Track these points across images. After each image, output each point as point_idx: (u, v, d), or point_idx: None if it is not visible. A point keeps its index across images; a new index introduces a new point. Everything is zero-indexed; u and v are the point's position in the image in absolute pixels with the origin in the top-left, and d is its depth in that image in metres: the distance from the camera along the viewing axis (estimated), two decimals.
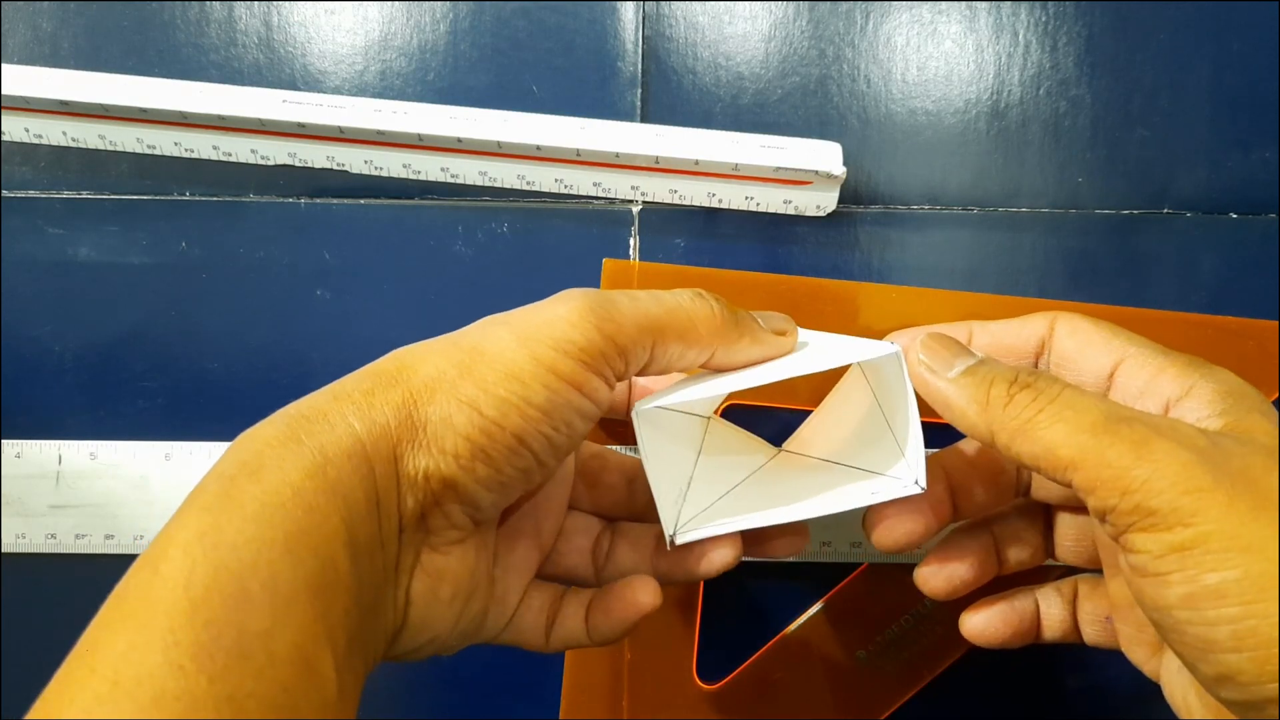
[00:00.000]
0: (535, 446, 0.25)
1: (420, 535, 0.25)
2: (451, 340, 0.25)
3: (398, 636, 0.25)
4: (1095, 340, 0.27)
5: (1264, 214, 0.38)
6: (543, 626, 0.29)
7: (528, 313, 0.25)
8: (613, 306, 0.25)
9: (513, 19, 0.39)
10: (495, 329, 0.25)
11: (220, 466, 0.23)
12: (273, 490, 0.22)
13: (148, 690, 0.19)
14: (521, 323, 0.25)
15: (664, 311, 0.26)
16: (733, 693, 0.37)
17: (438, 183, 0.38)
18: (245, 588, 0.20)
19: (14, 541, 0.37)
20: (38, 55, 0.39)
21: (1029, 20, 0.39)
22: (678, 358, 0.27)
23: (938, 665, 0.37)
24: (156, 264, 0.39)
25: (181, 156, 0.39)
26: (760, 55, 0.39)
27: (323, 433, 0.23)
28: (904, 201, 0.38)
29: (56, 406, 0.38)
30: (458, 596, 0.26)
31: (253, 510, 0.21)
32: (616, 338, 0.25)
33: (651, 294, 0.26)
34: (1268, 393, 0.37)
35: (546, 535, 0.29)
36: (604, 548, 0.30)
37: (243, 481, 0.22)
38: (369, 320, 0.38)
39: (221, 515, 0.21)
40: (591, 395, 0.25)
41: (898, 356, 0.26)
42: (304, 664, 0.20)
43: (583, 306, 0.25)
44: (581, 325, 0.24)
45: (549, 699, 0.37)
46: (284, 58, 0.39)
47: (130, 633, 0.20)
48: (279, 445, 0.22)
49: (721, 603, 0.37)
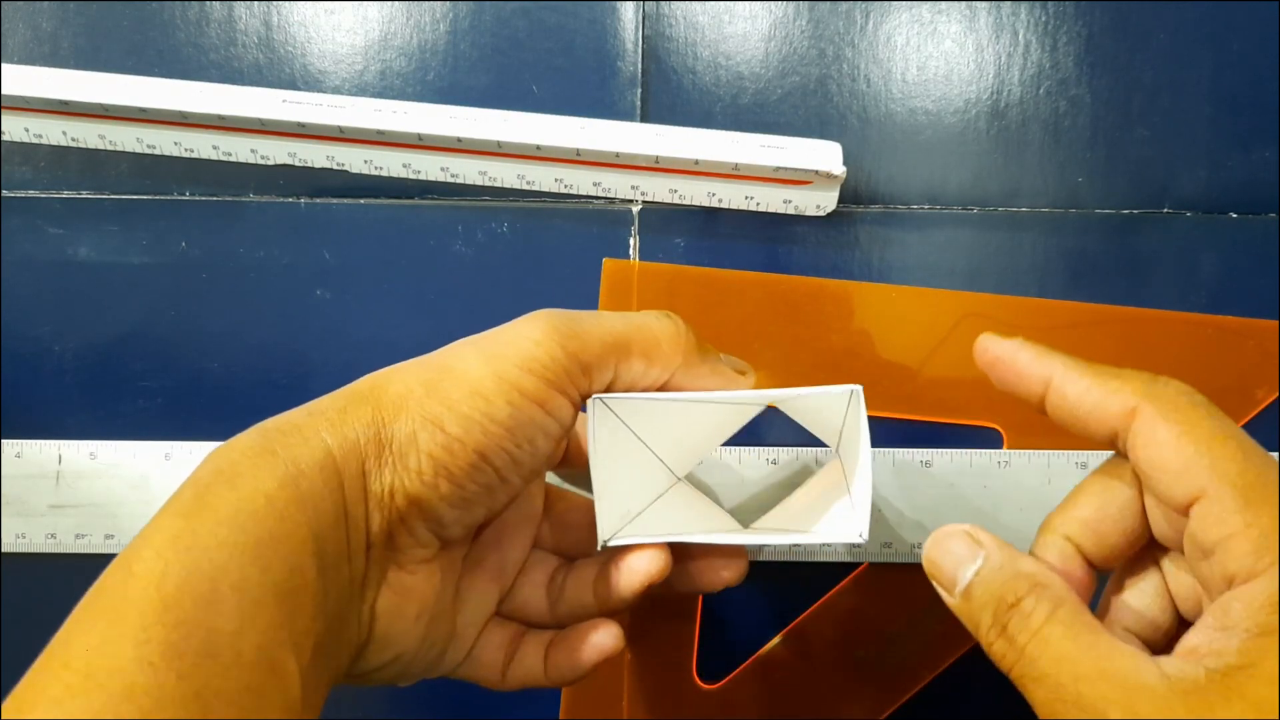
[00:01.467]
0: (498, 463, 0.25)
1: (388, 553, 0.25)
2: (422, 360, 0.26)
3: (363, 651, 0.26)
4: (1173, 462, 0.22)
5: (1264, 214, 0.38)
6: (500, 664, 0.29)
7: (496, 333, 0.26)
8: (578, 324, 0.26)
9: (513, 19, 0.39)
10: (463, 349, 0.26)
11: (197, 474, 0.23)
12: (246, 497, 0.22)
13: (118, 684, 0.19)
14: (488, 342, 0.26)
15: (629, 329, 0.26)
16: (733, 693, 0.37)
17: (438, 182, 0.38)
18: (216, 589, 0.21)
19: (14, 541, 0.37)
20: (38, 55, 0.39)
21: (1029, 20, 0.39)
22: (640, 375, 0.27)
23: (938, 665, 0.37)
24: (156, 264, 0.39)
25: (181, 156, 0.39)
26: (760, 55, 0.39)
27: (296, 445, 0.23)
28: (904, 201, 0.38)
29: (56, 406, 0.38)
30: (422, 616, 0.26)
31: (226, 515, 0.22)
32: (581, 355, 0.25)
33: (617, 314, 0.27)
34: (1268, 393, 0.37)
35: (509, 570, 0.29)
36: (559, 582, 0.30)
37: (218, 488, 0.23)
38: (369, 320, 0.38)
39: (196, 519, 0.22)
40: (555, 413, 0.26)
41: (855, 395, 0.27)
42: (269, 666, 0.21)
43: (548, 325, 0.25)
44: (546, 344, 0.25)
45: (549, 699, 0.37)
46: (284, 57, 0.39)
47: (103, 628, 0.20)
48: (254, 455, 0.23)
49: (721, 603, 0.37)
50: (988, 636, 0.23)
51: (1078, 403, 0.24)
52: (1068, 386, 0.24)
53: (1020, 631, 0.22)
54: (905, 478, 0.36)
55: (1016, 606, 0.23)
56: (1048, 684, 0.22)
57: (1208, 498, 0.22)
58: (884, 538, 0.36)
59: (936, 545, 0.25)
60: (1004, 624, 0.23)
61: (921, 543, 0.36)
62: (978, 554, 0.24)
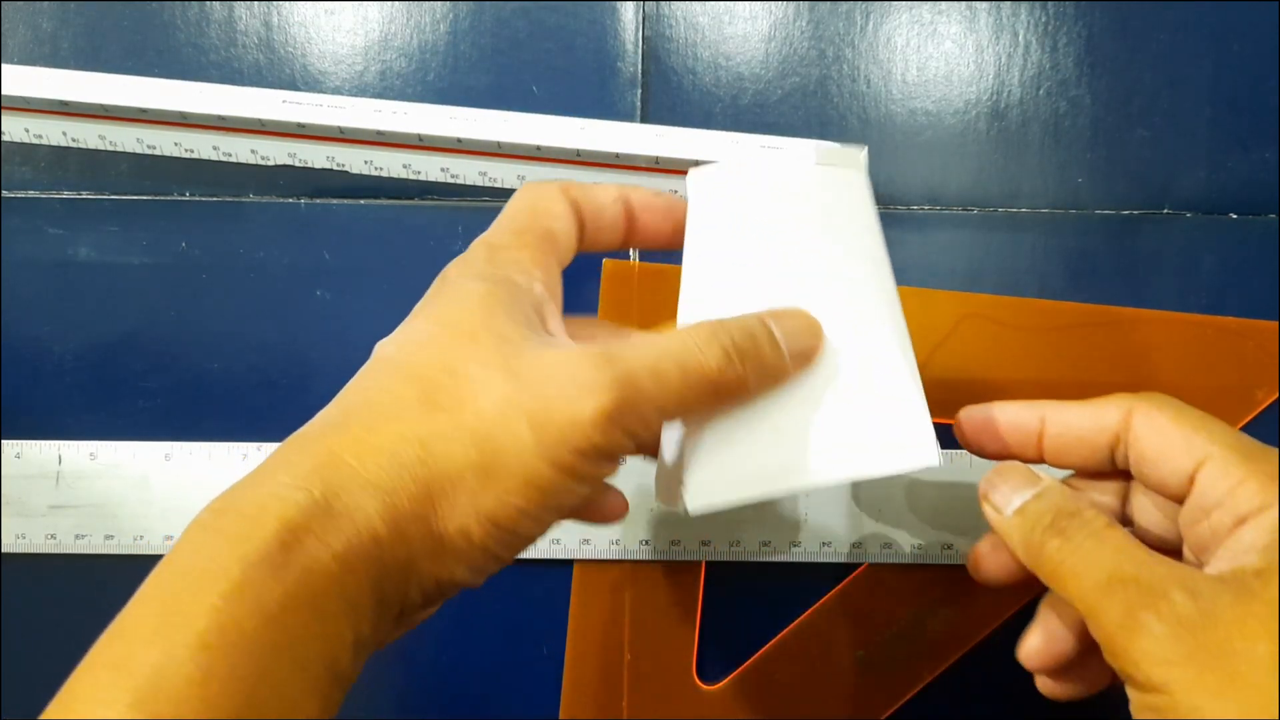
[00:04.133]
0: (543, 531, 0.25)
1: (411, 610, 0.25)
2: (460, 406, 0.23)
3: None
4: (1175, 440, 0.25)
5: (1264, 214, 0.38)
6: None
7: (547, 392, 0.23)
8: (640, 398, 0.23)
9: (513, 19, 0.39)
10: (508, 412, 0.23)
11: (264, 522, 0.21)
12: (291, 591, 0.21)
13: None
14: (543, 413, 0.23)
15: (689, 390, 0.24)
16: (733, 693, 0.37)
17: (438, 183, 0.38)
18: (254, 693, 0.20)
19: (14, 541, 0.37)
20: (38, 55, 0.39)
21: (1029, 20, 0.39)
22: None
23: (938, 665, 0.37)
24: (156, 264, 0.39)
25: (181, 156, 0.39)
26: (760, 55, 0.39)
27: (347, 530, 0.22)
28: (904, 201, 0.38)
29: (56, 406, 0.38)
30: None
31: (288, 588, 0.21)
32: (641, 435, 0.24)
33: (680, 365, 0.24)
34: (1267, 393, 0.37)
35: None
36: None
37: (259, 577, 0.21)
38: (369, 320, 0.38)
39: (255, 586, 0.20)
40: (607, 473, 0.25)
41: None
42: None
43: (609, 405, 0.23)
44: (608, 430, 0.23)
45: (549, 699, 0.37)
46: (284, 58, 0.39)
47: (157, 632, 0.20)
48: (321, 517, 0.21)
49: (721, 603, 0.37)
50: (1041, 538, 0.25)
51: (1077, 423, 0.27)
52: (1064, 414, 0.27)
53: (1079, 531, 0.24)
54: (905, 477, 0.36)
55: (1078, 514, 0.25)
56: (1102, 570, 0.23)
57: (1212, 459, 0.24)
58: (884, 538, 0.36)
59: (1000, 469, 0.27)
60: (1063, 527, 0.24)
61: (922, 543, 0.36)
62: (1038, 484, 0.26)
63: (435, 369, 0.24)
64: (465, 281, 0.25)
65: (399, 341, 0.25)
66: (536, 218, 0.27)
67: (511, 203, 0.28)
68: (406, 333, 0.25)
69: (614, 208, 0.29)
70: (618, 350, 0.24)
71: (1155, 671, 0.22)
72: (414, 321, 0.25)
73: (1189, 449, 0.25)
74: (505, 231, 0.27)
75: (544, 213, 0.28)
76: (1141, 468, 0.26)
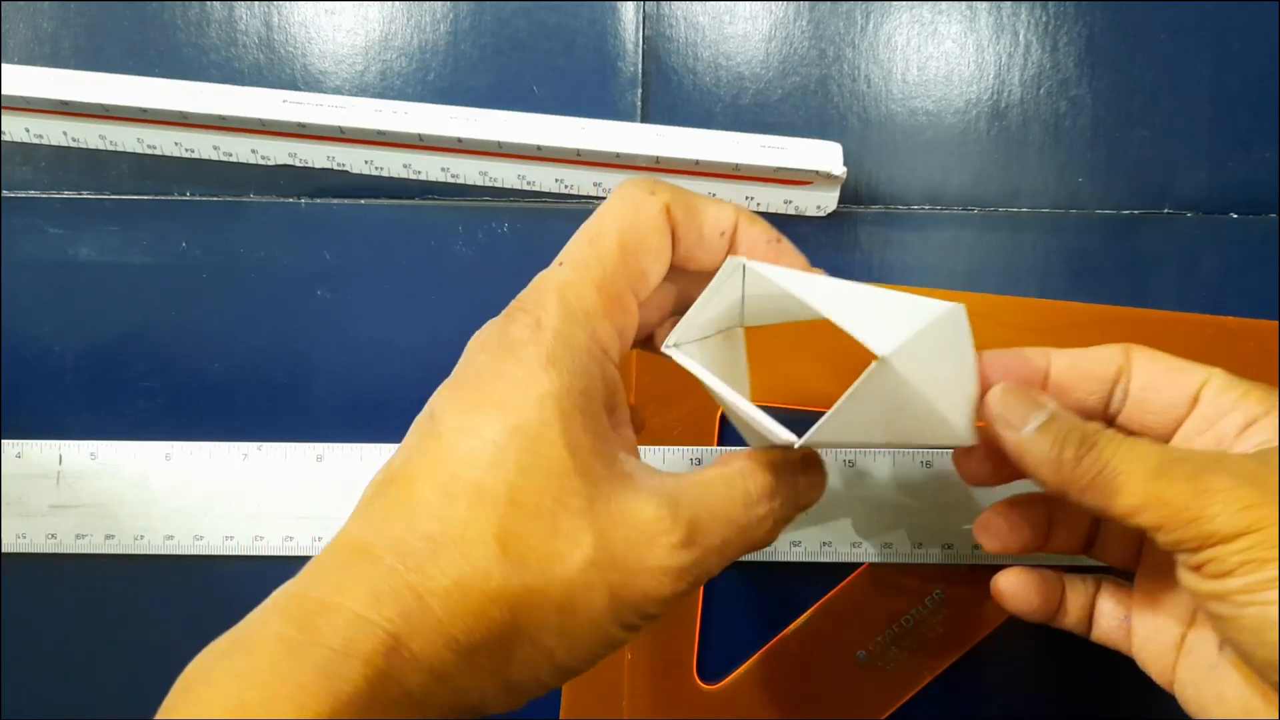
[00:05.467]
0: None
1: None
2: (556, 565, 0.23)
3: None
4: (1176, 366, 0.27)
5: (1264, 214, 0.38)
6: None
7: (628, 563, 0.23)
8: (711, 560, 0.25)
9: (513, 19, 0.39)
10: (596, 591, 0.23)
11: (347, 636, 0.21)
12: None
13: None
14: (623, 587, 0.23)
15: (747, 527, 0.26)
16: (733, 693, 0.37)
17: (438, 183, 0.38)
18: None
19: (14, 541, 0.37)
20: (38, 55, 0.39)
21: (1029, 20, 0.39)
22: None
23: (938, 665, 0.37)
24: (156, 264, 0.39)
25: (182, 156, 0.39)
26: (760, 55, 0.39)
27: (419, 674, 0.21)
28: (904, 201, 0.38)
29: (56, 406, 0.38)
30: None
31: None
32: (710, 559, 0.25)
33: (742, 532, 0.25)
34: None
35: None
36: None
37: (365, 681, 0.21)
38: (369, 320, 0.38)
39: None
40: None
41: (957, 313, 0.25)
42: None
43: (684, 585, 0.24)
44: (677, 582, 0.24)
45: (549, 699, 0.37)
46: (284, 58, 0.39)
47: None
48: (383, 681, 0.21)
49: (721, 603, 0.37)
50: (1076, 454, 0.25)
51: (1081, 358, 0.28)
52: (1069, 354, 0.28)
53: (1110, 442, 0.25)
54: (905, 477, 0.36)
55: (1100, 429, 0.25)
56: (1151, 461, 0.24)
57: (1216, 377, 0.26)
58: (884, 538, 0.36)
59: (1009, 388, 0.27)
60: (1094, 442, 0.25)
61: (921, 543, 0.36)
62: (1046, 404, 0.26)
63: (516, 507, 0.22)
64: (538, 369, 0.23)
65: (467, 430, 0.23)
66: (628, 256, 0.25)
67: (603, 221, 0.25)
68: (474, 421, 0.23)
69: (717, 244, 0.26)
70: (688, 503, 0.24)
71: (1239, 518, 0.23)
72: (482, 408, 0.23)
73: (1192, 372, 0.27)
74: (587, 281, 0.24)
75: (638, 248, 0.25)
76: (1145, 395, 0.27)
